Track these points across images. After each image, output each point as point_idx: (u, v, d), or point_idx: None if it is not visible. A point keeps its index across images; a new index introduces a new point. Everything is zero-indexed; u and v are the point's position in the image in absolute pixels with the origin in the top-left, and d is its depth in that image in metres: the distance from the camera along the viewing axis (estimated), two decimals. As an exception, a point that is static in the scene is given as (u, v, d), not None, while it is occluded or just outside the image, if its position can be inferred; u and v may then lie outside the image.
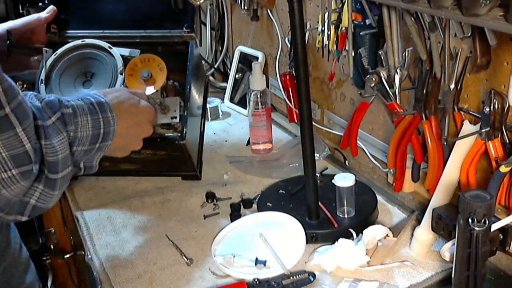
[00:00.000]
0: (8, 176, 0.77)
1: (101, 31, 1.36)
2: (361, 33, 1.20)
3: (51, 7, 1.33)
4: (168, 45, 1.34)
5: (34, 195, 0.83)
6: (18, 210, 0.83)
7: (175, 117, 1.22)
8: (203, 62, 1.99)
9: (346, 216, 1.19)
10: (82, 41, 1.30)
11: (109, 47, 1.28)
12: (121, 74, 1.24)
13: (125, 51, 1.28)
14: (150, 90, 1.22)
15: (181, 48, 1.33)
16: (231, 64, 1.92)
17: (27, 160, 0.78)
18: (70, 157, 0.88)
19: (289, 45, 1.61)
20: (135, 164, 1.36)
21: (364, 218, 1.19)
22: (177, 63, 1.29)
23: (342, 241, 1.10)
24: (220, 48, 2.04)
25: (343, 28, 1.28)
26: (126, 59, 1.26)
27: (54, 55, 1.29)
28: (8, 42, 1.24)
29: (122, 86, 1.23)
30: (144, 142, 1.10)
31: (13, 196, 0.79)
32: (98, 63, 1.28)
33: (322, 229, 1.16)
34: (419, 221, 1.13)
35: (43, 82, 1.26)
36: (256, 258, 1.08)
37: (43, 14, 1.32)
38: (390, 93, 1.15)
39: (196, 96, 1.37)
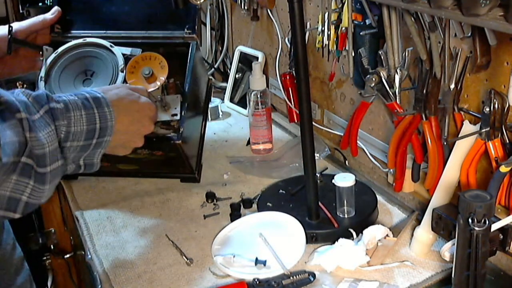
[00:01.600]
0: None
1: (104, 31, 1.37)
2: (361, 33, 1.20)
3: (56, 8, 1.33)
4: (170, 46, 1.35)
5: (25, 192, 0.83)
6: (8, 206, 0.82)
7: (176, 114, 1.21)
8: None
9: (346, 216, 1.19)
10: (83, 40, 1.30)
11: (111, 46, 1.28)
12: (122, 71, 1.24)
13: (127, 50, 1.28)
14: (151, 87, 1.22)
15: (182, 49, 1.33)
16: (231, 64, 1.92)
17: None
18: (59, 150, 0.87)
19: (289, 45, 1.61)
20: (133, 164, 1.36)
21: (364, 218, 1.19)
22: (178, 64, 1.30)
23: (342, 241, 1.10)
24: (220, 48, 2.04)
25: (343, 28, 1.28)
26: (127, 58, 1.26)
27: (55, 53, 1.29)
28: (9, 36, 1.23)
29: (123, 83, 1.23)
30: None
31: None
32: (98, 61, 1.28)
33: (322, 229, 1.16)
34: (419, 221, 1.13)
35: (43, 79, 1.26)
36: (256, 258, 1.08)
37: (48, 16, 1.32)
38: (390, 93, 1.15)
39: (196, 97, 1.37)
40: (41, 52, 1.29)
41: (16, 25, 1.28)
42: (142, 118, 1.06)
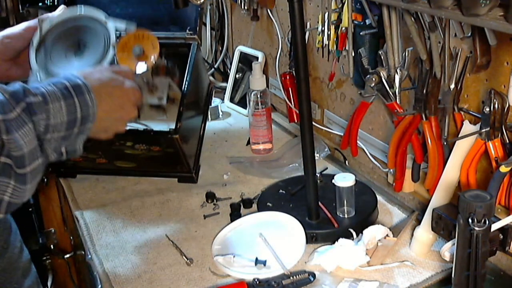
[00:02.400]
0: None
1: None
2: (361, 33, 1.20)
3: (62, 6, 1.34)
4: (171, 47, 1.36)
5: (7, 191, 0.82)
6: None
7: (162, 98, 1.18)
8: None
9: (346, 216, 1.19)
10: (79, 14, 1.27)
11: (106, 17, 1.24)
12: (113, 47, 1.21)
13: (121, 25, 1.25)
14: (141, 67, 1.18)
15: (184, 50, 1.35)
16: (231, 64, 1.92)
17: None
18: (39, 149, 0.86)
19: (289, 45, 1.61)
20: (131, 161, 1.36)
21: (364, 218, 1.19)
22: (179, 65, 1.30)
23: (342, 241, 1.10)
24: (220, 48, 2.04)
25: (343, 28, 1.28)
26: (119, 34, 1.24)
27: (50, 22, 1.25)
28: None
29: (114, 60, 1.20)
30: (137, 136, 1.09)
31: None
32: (92, 33, 1.25)
33: (322, 229, 1.16)
34: (419, 221, 1.13)
35: (34, 47, 1.23)
36: (256, 258, 1.08)
37: (56, 13, 1.33)
38: (390, 93, 1.15)
39: (196, 97, 1.37)
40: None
41: (24, 24, 1.27)
42: (124, 104, 1.03)
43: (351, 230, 1.13)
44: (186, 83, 1.29)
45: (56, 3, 2.13)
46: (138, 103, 1.08)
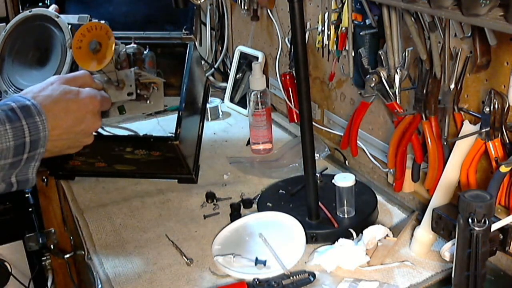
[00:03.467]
0: None
1: None
2: (361, 33, 1.20)
3: (54, 5, 1.33)
4: (167, 47, 1.34)
5: None
6: None
7: (131, 93, 1.10)
8: (202, 62, 1.99)
9: (346, 216, 1.19)
10: (29, 12, 1.21)
11: (56, 16, 1.19)
12: (70, 47, 1.15)
13: (74, 18, 1.20)
14: (99, 63, 1.08)
15: (180, 50, 1.33)
16: (231, 64, 1.92)
17: None
18: None
19: (289, 45, 1.61)
20: (130, 165, 1.36)
21: (364, 218, 1.19)
22: (176, 65, 1.29)
23: (342, 241, 1.10)
24: (220, 48, 2.04)
25: (343, 28, 1.28)
26: (76, 28, 1.16)
27: (4, 31, 1.21)
28: None
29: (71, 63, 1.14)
30: (136, 142, 1.06)
31: None
32: (49, 37, 1.20)
33: (322, 229, 1.16)
34: (419, 221, 1.13)
35: None
36: (256, 258, 1.08)
37: None
38: (390, 93, 1.15)
39: (193, 98, 1.37)
40: None
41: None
42: (83, 117, 0.95)
43: (351, 230, 1.13)
44: (185, 85, 1.27)
45: (56, 3, 2.13)
46: (101, 109, 1.00)
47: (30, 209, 1.75)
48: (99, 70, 1.08)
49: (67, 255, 1.70)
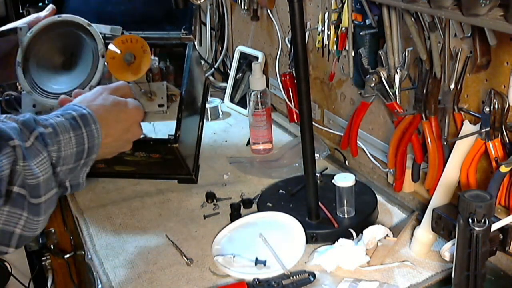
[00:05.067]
0: None
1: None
2: (361, 33, 1.20)
3: (50, 6, 1.33)
4: (166, 47, 1.33)
5: (19, 224, 0.78)
6: (1, 241, 0.78)
7: (162, 105, 1.16)
8: (202, 62, 1.99)
9: (346, 216, 1.19)
10: (58, 17, 1.24)
11: (88, 25, 1.22)
12: (103, 56, 1.19)
13: (106, 29, 1.23)
14: (135, 75, 1.13)
15: (179, 50, 1.32)
16: (231, 64, 1.92)
17: None
18: (53, 178, 0.84)
19: (289, 45, 1.61)
20: (130, 166, 1.36)
21: (364, 218, 1.19)
22: (175, 65, 1.29)
23: (342, 241, 1.09)
24: (220, 48, 2.04)
25: (343, 28, 1.28)
26: (107, 39, 1.21)
27: (30, 33, 1.23)
28: None
29: (105, 71, 1.18)
30: (136, 145, 1.07)
31: None
32: (78, 43, 1.23)
33: (322, 229, 1.16)
34: (419, 221, 1.13)
35: (20, 65, 1.21)
36: (256, 258, 1.08)
37: (42, 14, 1.32)
38: (390, 93, 1.15)
39: (193, 98, 1.37)
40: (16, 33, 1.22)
41: (10, 25, 1.28)
42: (130, 126, 1.03)
43: (351, 230, 1.13)
44: (184, 86, 1.26)
45: (54, 2, 2.13)
46: (141, 121, 1.07)
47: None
48: (132, 81, 1.13)
49: (67, 255, 1.71)
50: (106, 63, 1.16)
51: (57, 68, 1.24)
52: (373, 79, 1.16)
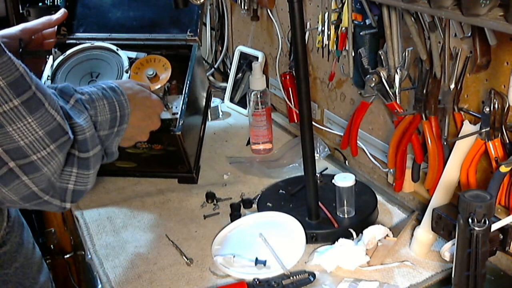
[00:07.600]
0: (47, 152, 0.77)
1: (108, 34, 1.41)
2: (361, 33, 1.20)
3: (63, 9, 1.39)
4: (172, 48, 1.38)
5: (70, 180, 0.83)
6: (59, 195, 0.83)
7: (176, 113, 1.26)
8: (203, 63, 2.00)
9: (346, 216, 1.19)
10: (91, 43, 1.35)
11: (117, 49, 1.32)
12: (127, 72, 1.28)
13: (132, 54, 1.33)
14: (154, 86, 1.26)
15: (185, 51, 1.36)
16: (231, 64, 1.92)
17: (61, 132, 0.79)
18: (97, 136, 0.89)
19: (289, 45, 1.61)
20: (131, 161, 1.36)
21: (364, 218, 1.19)
22: (180, 66, 1.32)
23: (342, 241, 1.10)
24: (220, 48, 2.04)
25: (343, 28, 1.28)
26: (132, 62, 1.31)
27: (63, 55, 1.33)
28: (20, 50, 1.27)
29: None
30: None
31: (52, 173, 0.79)
32: (104, 63, 1.32)
33: (322, 229, 1.16)
34: (419, 221, 1.13)
35: (49, 79, 1.30)
36: (256, 258, 1.08)
37: (54, 17, 1.37)
38: (390, 93, 1.15)
39: (196, 98, 1.38)
40: (48, 56, 1.32)
41: (21, 26, 1.30)
42: (152, 115, 1.09)
43: (351, 230, 1.13)
44: (188, 83, 1.30)
45: (56, 3, 2.14)
46: (160, 116, 1.13)
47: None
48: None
49: (67, 255, 1.71)
50: (129, 76, 1.28)
51: (82, 83, 1.31)
52: (373, 79, 1.16)
